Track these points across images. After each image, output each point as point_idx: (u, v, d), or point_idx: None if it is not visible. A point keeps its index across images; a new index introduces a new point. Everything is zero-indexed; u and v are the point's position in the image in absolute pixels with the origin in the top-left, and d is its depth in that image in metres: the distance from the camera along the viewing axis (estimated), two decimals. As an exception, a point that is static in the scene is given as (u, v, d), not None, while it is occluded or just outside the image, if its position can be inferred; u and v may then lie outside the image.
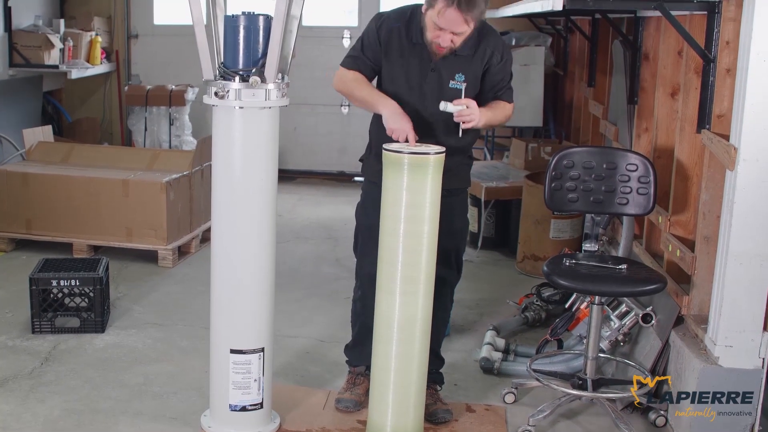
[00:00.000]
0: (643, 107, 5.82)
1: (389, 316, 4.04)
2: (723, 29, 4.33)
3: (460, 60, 4.21)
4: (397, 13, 4.31)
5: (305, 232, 8.46)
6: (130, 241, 7.17)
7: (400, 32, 4.23)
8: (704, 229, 4.44)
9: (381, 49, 4.26)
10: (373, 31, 4.29)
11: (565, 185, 4.66)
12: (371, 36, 4.29)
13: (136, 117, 10.56)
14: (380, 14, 4.38)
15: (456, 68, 4.21)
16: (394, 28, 4.24)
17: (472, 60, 4.23)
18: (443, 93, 4.18)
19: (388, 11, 4.37)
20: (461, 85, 4.21)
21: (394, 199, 3.92)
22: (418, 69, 4.23)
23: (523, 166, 8.20)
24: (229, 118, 3.84)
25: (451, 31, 4.01)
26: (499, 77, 4.32)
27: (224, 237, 4.00)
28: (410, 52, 4.24)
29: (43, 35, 9.57)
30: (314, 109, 10.96)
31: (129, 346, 5.45)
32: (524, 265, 7.20)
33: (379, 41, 4.26)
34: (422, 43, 4.18)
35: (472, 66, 4.24)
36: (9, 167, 7.65)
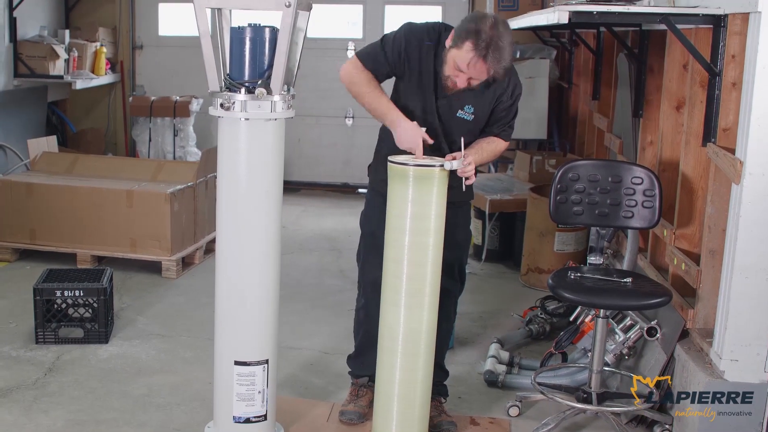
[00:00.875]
0: (648, 120, 5.82)
1: (394, 328, 4.04)
2: (729, 43, 4.32)
3: (471, 94, 4.18)
4: (428, 29, 4.21)
5: (309, 244, 8.45)
6: (134, 251, 7.17)
7: (429, 51, 4.15)
8: (709, 242, 4.43)
9: (402, 60, 4.19)
10: (401, 39, 4.19)
11: (571, 198, 4.66)
12: (398, 43, 4.19)
13: (141, 128, 10.58)
14: (412, 26, 4.26)
15: (467, 100, 4.19)
16: (424, 46, 4.16)
17: (483, 95, 4.20)
18: (451, 120, 4.20)
19: (419, 24, 4.26)
20: (469, 116, 4.21)
21: (400, 211, 3.92)
22: (432, 91, 4.20)
23: (527, 178, 8.20)
24: (234, 130, 3.84)
25: (469, 76, 3.99)
26: (503, 114, 4.29)
27: (229, 248, 3.99)
28: (429, 73, 4.19)
29: (48, 46, 9.58)
30: (318, 121, 10.97)
31: (133, 357, 5.45)
32: (528, 278, 7.20)
33: (404, 51, 4.18)
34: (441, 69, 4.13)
35: (482, 100, 4.22)
36: (13, 177, 7.67)
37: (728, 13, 4.26)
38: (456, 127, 4.19)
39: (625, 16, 4.63)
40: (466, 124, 4.22)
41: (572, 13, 4.51)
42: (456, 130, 4.20)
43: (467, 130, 4.22)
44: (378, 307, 4.26)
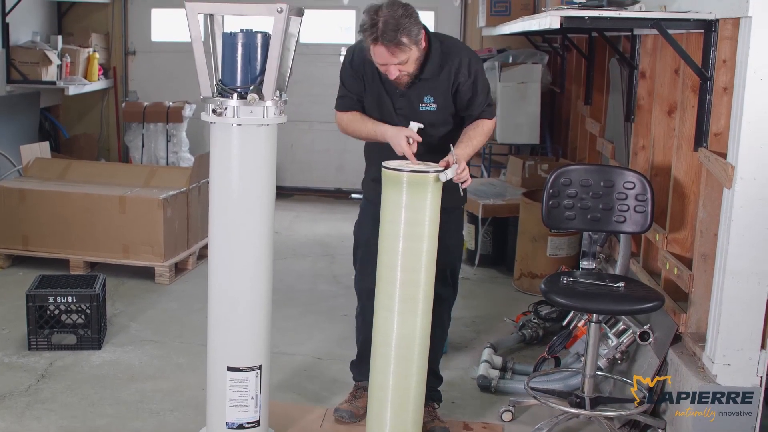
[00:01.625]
0: (640, 125, 5.83)
1: (387, 333, 4.04)
2: (720, 48, 4.34)
3: (426, 84, 4.24)
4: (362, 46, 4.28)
5: (302, 249, 8.45)
6: (127, 257, 7.17)
7: (370, 60, 4.19)
8: (701, 247, 4.44)
9: (359, 78, 4.34)
10: (347, 66, 4.39)
11: (563, 203, 4.67)
12: (347, 71, 4.39)
13: (134, 133, 10.57)
14: (350, 48, 4.45)
15: (424, 91, 4.25)
16: (366, 59, 4.21)
17: (437, 81, 4.25)
18: (415, 116, 4.20)
19: (356, 43, 4.41)
20: (432, 106, 4.26)
21: (393, 217, 3.92)
22: (388, 95, 4.29)
23: (520, 183, 8.21)
24: (226, 136, 3.84)
25: (392, 65, 4.04)
26: (471, 94, 4.30)
27: (221, 254, 3.99)
28: (380, 79, 4.29)
29: (41, 51, 9.58)
30: (311, 126, 10.96)
31: (126, 363, 5.44)
32: (521, 283, 7.20)
33: (355, 72, 4.34)
34: None
35: (439, 87, 4.26)
36: (6, 183, 7.65)
37: (719, 18, 4.27)
38: (426, 121, 4.20)
39: (616, 22, 4.64)
40: (434, 115, 4.26)
41: (564, 18, 4.52)
42: (427, 126, 4.21)
43: (439, 121, 4.28)
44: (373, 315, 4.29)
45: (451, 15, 10.50)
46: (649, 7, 5.21)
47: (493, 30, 8.24)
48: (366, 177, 4.60)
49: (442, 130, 4.31)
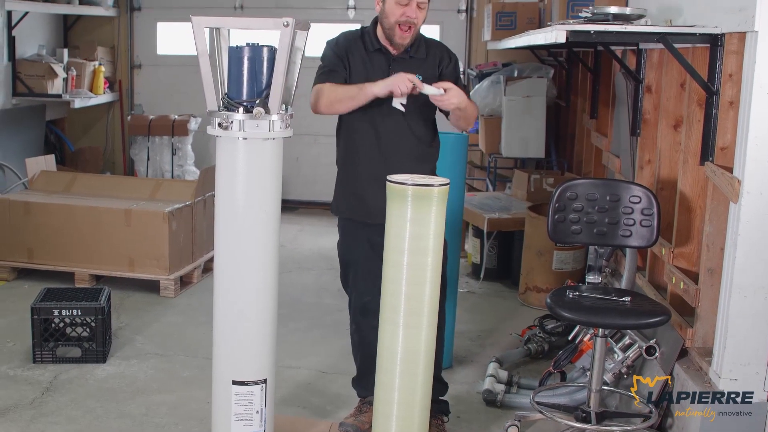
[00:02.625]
0: (646, 139, 5.82)
1: (392, 348, 4.02)
2: (726, 62, 4.34)
3: (415, 62, 4.48)
4: (345, 33, 4.63)
5: (307, 263, 8.45)
6: (132, 270, 7.17)
7: (357, 43, 4.51)
8: (708, 261, 4.43)
9: (344, 58, 4.49)
10: (331, 49, 4.55)
11: (569, 217, 4.65)
12: (330, 53, 4.55)
13: (139, 146, 10.59)
14: (331, 39, 4.62)
15: (413, 69, 4.36)
16: (350, 42, 4.52)
17: (425, 62, 4.51)
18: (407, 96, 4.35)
19: (339, 34, 4.65)
20: None
21: (398, 231, 3.91)
22: (379, 74, 4.40)
23: (525, 197, 8.20)
24: (232, 149, 3.84)
25: (416, 2, 4.31)
26: (454, 77, 4.52)
27: (227, 267, 3.98)
28: (369, 60, 4.49)
29: (47, 64, 9.60)
30: (316, 140, 10.96)
31: (131, 376, 5.44)
32: (526, 297, 7.19)
33: (340, 54, 4.51)
34: (380, 48, 4.47)
35: (427, 67, 4.48)
36: (11, 196, 7.66)
37: (725, 32, 4.27)
38: (413, 101, 4.39)
39: (622, 36, 4.64)
40: (422, 97, 4.33)
41: (570, 32, 4.52)
42: (414, 105, 4.42)
43: (426, 104, 4.39)
44: (370, 330, 4.37)
45: (457, 29, 10.51)
46: (655, 21, 5.22)
47: (499, 44, 8.25)
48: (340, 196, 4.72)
49: (426, 116, 4.51)
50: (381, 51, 4.48)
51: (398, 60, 4.46)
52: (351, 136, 4.56)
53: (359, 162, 4.47)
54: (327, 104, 4.43)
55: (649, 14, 5.21)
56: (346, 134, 4.59)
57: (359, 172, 4.48)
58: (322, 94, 4.43)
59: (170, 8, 11.11)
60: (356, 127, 4.51)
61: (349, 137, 4.58)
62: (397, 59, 4.46)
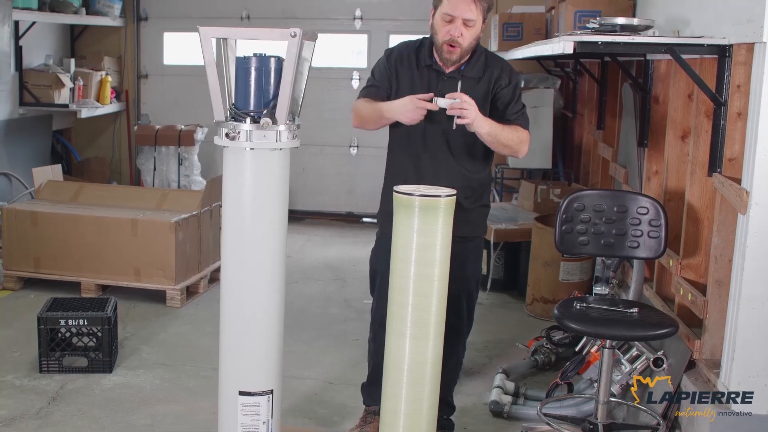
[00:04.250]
0: (653, 150, 5.82)
1: (399, 358, 4.01)
2: (734, 73, 4.33)
3: (467, 81, 4.30)
4: (405, 43, 4.49)
5: (313, 273, 8.44)
6: (139, 280, 7.16)
7: (410, 58, 4.38)
8: (716, 272, 4.42)
9: (392, 74, 4.40)
10: (383, 61, 4.46)
11: (576, 228, 4.65)
12: (381, 65, 4.46)
13: (145, 156, 10.60)
14: (390, 48, 4.54)
15: (464, 90, 4.22)
16: (404, 56, 4.40)
17: (479, 82, 4.32)
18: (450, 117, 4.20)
19: (396, 45, 4.53)
20: None
21: (405, 242, 3.91)
22: (426, 90, 4.28)
23: (532, 208, 8.20)
24: (239, 160, 3.83)
25: (462, 20, 4.14)
26: (508, 99, 4.36)
27: (234, 277, 3.98)
28: (419, 75, 4.37)
29: (54, 74, 9.62)
30: (323, 150, 10.97)
31: (137, 386, 5.43)
32: (533, 308, 7.18)
33: (389, 68, 4.41)
34: (431, 64, 4.33)
35: (479, 88, 4.32)
36: (18, 206, 7.66)
37: (733, 43, 4.27)
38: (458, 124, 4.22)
39: (630, 47, 4.64)
40: None
41: (577, 43, 4.52)
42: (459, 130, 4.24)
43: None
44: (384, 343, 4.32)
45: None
46: (663, 32, 5.22)
47: (506, 54, 8.22)
48: (381, 209, 4.60)
49: (471, 138, 4.29)
50: (432, 68, 4.35)
51: (448, 78, 4.31)
52: (392, 151, 4.52)
53: (397, 179, 4.35)
54: (358, 122, 4.45)
55: (657, 25, 5.22)
56: (390, 149, 4.55)
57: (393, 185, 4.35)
58: (356, 110, 4.43)
59: (177, 18, 11.14)
60: (397, 145, 4.48)
61: (391, 152, 4.54)
62: (448, 77, 4.32)
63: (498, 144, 4.26)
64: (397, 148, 4.46)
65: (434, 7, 4.25)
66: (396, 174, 4.43)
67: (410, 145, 4.38)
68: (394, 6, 10.69)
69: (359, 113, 4.41)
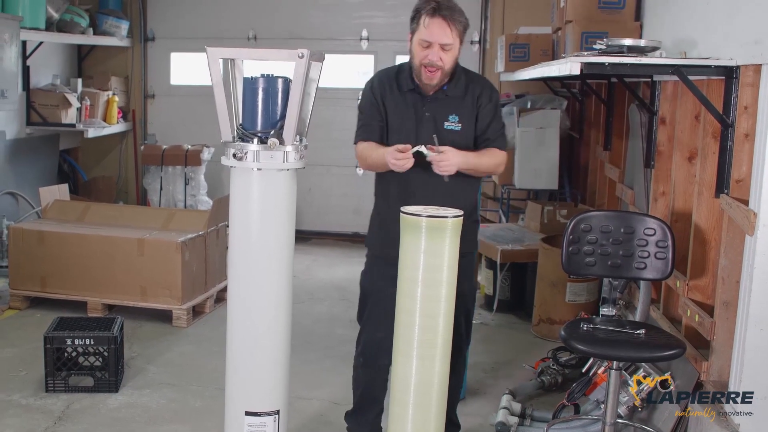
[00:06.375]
0: (660, 171, 5.81)
1: (406, 379, 4.00)
2: (741, 94, 4.33)
3: (451, 101, 4.36)
4: (384, 71, 4.54)
5: (320, 293, 8.43)
6: (145, 300, 7.16)
7: (392, 85, 4.41)
8: (723, 294, 4.40)
9: (379, 104, 4.41)
10: (368, 94, 4.48)
11: (583, 249, 4.64)
12: (367, 99, 4.47)
13: (152, 176, 10.60)
14: (369, 80, 4.56)
15: (449, 110, 4.33)
16: (385, 83, 4.43)
17: (463, 101, 4.37)
18: (440, 136, 4.26)
19: (376, 73, 4.59)
20: (456, 125, 4.33)
21: (412, 263, 3.90)
22: (413, 115, 4.34)
23: (538, 228, 8.19)
24: (246, 180, 3.84)
25: (439, 45, 4.18)
26: (490, 118, 4.41)
27: (240, 298, 3.98)
28: (403, 101, 4.39)
29: (61, 94, 9.65)
30: (329, 170, 10.98)
31: (143, 406, 5.42)
32: (540, 329, 7.16)
33: (376, 99, 4.42)
34: (414, 88, 4.36)
35: (464, 106, 4.37)
36: (25, 225, 7.68)
37: (740, 64, 4.27)
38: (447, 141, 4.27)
39: (637, 68, 4.64)
40: (457, 135, 4.33)
41: (584, 64, 4.53)
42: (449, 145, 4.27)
43: (461, 144, 4.33)
44: (377, 369, 4.49)
45: (470, 60, 10.51)
46: (670, 53, 5.23)
47: (512, 75, 8.26)
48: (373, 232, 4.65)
49: None
50: (415, 91, 4.37)
51: (433, 99, 4.35)
52: (389, 177, 4.44)
53: (392, 202, 4.37)
54: (366, 167, 4.50)
55: (664, 46, 5.22)
56: (384, 175, 4.49)
57: (391, 212, 4.37)
58: (359, 157, 4.47)
59: (184, 38, 11.17)
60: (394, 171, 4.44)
61: (386, 178, 4.48)
62: (432, 99, 4.35)
63: (477, 173, 4.42)
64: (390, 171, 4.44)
65: (411, 32, 4.29)
66: (388, 195, 4.46)
67: None
68: (401, 26, 10.63)
69: (366, 161, 4.45)
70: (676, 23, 5.51)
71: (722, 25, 4.60)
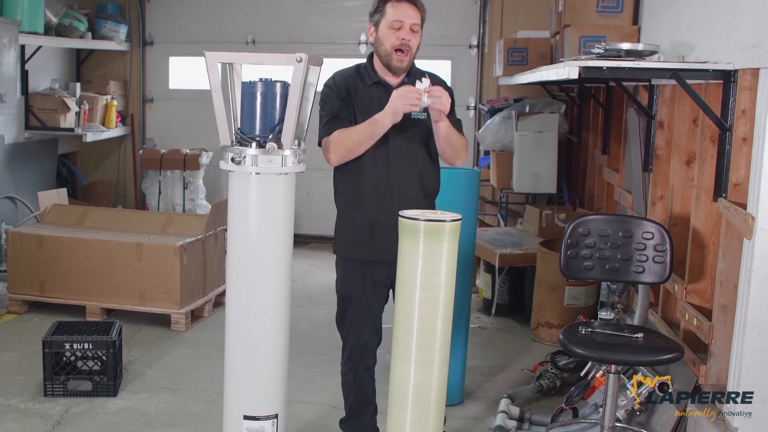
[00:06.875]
0: (658, 175, 5.82)
1: (404, 383, 4.00)
2: (739, 98, 4.34)
3: None
4: (340, 72, 4.51)
5: (318, 297, 8.43)
6: (144, 304, 7.16)
7: (354, 81, 4.42)
8: (721, 297, 4.41)
9: (345, 95, 4.39)
10: (331, 90, 4.43)
11: (581, 253, 4.65)
12: (331, 94, 4.41)
13: (151, 180, 10.60)
14: (326, 81, 4.49)
15: None
16: (348, 80, 4.43)
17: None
18: (407, 125, 4.29)
19: (332, 75, 4.52)
20: (422, 114, 4.34)
21: (410, 267, 3.90)
22: (379, 106, 4.28)
23: (536, 233, 8.19)
24: (245, 184, 3.84)
25: (409, 25, 4.24)
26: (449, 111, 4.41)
27: (239, 301, 3.98)
28: (368, 94, 4.39)
29: (60, 98, 9.65)
30: (328, 174, 10.78)
31: (141, 410, 5.42)
32: (538, 332, 7.16)
33: (340, 92, 4.40)
34: (378, 81, 4.38)
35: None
36: (23, 229, 7.67)
37: (738, 68, 4.28)
38: (415, 130, 4.36)
39: (635, 72, 4.65)
40: (423, 124, 4.36)
41: (583, 68, 4.53)
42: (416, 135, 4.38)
43: (426, 132, 4.38)
44: (365, 371, 4.50)
45: (468, 64, 10.53)
46: (668, 57, 5.23)
47: (510, 79, 8.26)
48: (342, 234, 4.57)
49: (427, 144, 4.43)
50: (380, 83, 4.39)
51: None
52: (358, 176, 4.44)
53: (365, 200, 4.38)
54: (344, 153, 4.35)
55: (662, 50, 5.22)
56: (352, 174, 4.46)
57: (366, 211, 4.37)
58: (335, 145, 4.34)
59: (182, 43, 11.18)
60: (364, 167, 4.40)
61: (355, 177, 4.46)
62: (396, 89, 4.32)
63: (448, 142, 4.36)
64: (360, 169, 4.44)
65: (375, 24, 4.32)
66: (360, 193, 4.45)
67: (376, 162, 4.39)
68: (399, 31, 10.71)
69: (344, 144, 4.32)
70: (674, 27, 5.52)
71: (720, 29, 4.61)
